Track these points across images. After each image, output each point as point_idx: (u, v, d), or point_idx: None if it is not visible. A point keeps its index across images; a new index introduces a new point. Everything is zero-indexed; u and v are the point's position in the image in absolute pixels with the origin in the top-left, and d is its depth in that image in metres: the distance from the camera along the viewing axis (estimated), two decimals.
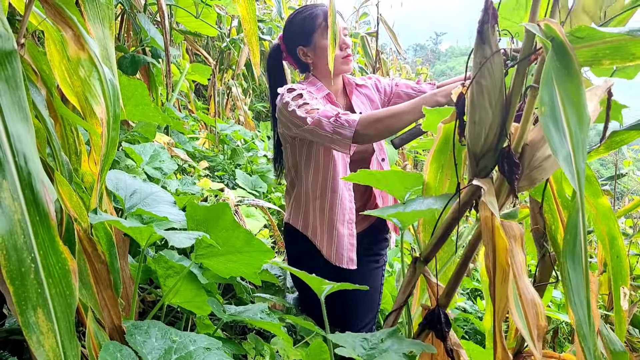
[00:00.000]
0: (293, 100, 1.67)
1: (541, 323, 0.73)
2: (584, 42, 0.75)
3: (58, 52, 1.00)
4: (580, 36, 0.74)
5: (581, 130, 0.68)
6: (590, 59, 0.77)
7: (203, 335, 1.11)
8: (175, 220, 1.37)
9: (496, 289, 0.77)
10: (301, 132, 1.65)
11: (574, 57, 0.71)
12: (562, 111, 0.68)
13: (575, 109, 0.69)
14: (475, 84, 0.81)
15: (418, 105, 1.53)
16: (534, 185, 0.84)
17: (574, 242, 0.66)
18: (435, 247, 0.94)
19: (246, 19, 1.23)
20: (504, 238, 0.75)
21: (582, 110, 0.69)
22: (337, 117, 1.57)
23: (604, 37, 0.73)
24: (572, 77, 0.70)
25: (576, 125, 0.68)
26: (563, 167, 0.65)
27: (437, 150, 1.09)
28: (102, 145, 0.96)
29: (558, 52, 0.71)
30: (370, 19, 7.04)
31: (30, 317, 0.71)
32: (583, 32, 0.73)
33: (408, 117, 1.53)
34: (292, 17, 1.87)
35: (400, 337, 0.93)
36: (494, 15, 0.80)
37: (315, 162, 1.78)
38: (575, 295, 0.66)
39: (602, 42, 0.74)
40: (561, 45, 0.71)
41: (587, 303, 0.67)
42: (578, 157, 0.66)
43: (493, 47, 0.80)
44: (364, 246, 1.91)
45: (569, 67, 0.71)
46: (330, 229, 1.79)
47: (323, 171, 1.78)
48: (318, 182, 1.79)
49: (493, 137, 0.82)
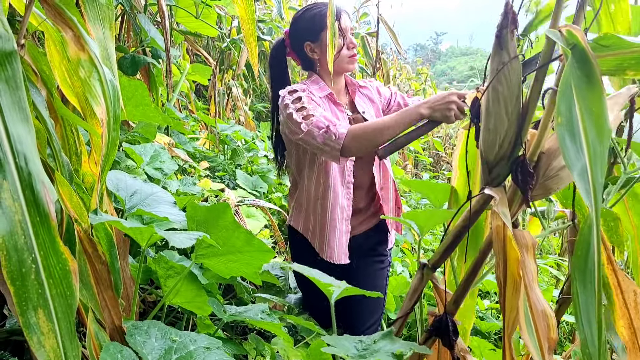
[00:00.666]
0: (292, 104, 1.70)
1: (552, 336, 0.71)
2: (609, 51, 0.72)
3: (58, 53, 1.00)
4: (605, 44, 0.71)
5: (601, 142, 0.65)
6: (613, 68, 0.74)
7: (203, 335, 1.11)
8: (176, 221, 1.37)
9: (506, 300, 0.76)
10: (295, 139, 1.69)
11: (596, 65, 0.68)
12: (580, 122, 0.65)
13: (594, 120, 0.66)
14: (492, 90, 0.79)
15: (401, 119, 1.57)
16: (549, 195, 0.81)
17: (585, 260, 0.64)
18: (444, 254, 0.92)
19: (245, 20, 1.23)
20: (516, 249, 0.73)
21: (602, 121, 0.66)
22: (327, 128, 1.61)
23: (631, 47, 0.70)
24: (593, 86, 0.67)
25: (595, 137, 0.65)
26: (577, 182, 0.62)
27: (461, 156, 1.08)
28: (103, 146, 0.97)
29: (579, 60, 0.68)
30: (371, 19, 7.04)
31: (31, 318, 0.71)
32: (609, 41, 0.70)
33: (391, 132, 1.58)
34: (302, 13, 1.89)
35: (394, 339, 0.92)
36: (513, 20, 0.77)
37: (318, 164, 1.80)
38: (583, 314, 0.64)
39: (629, 51, 0.71)
40: (583, 53, 0.68)
41: (597, 323, 0.64)
42: (596, 171, 0.63)
43: (511, 53, 0.77)
44: (369, 246, 1.91)
45: (589, 75, 0.68)
46: (332, 228, 1.80)
47: (325, 173, 1.79)
48: (320, 184, 1.80)
49: (507, 145, 0.80)
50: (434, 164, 9.87)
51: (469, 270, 0.87)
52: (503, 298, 0.77)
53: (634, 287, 0.89)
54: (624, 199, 1.04)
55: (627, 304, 0.89)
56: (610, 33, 0.71)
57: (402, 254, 3.47)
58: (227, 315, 1.41)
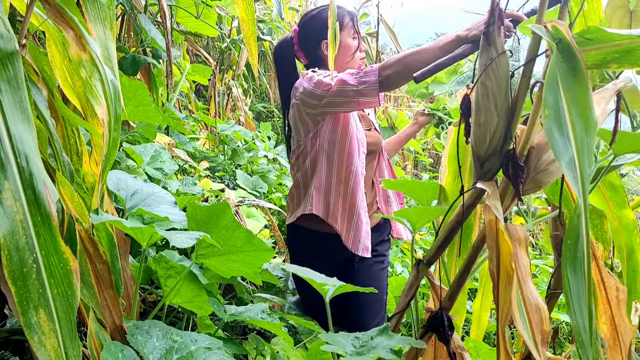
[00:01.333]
0: (315, 74, 1.74)
1: (545, 328, 0.72)
2: (593, 45, 0.73)
3: (59, 53, 1.00)
4: (589, 37, 0.72)
5: (587, 133, 0.67)
6: (598, 62, 0.75)
7: (204, 335, 1.11)
8: (176, 221, 1.37)
9: (500, 293, 0.77)
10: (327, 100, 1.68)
11: (581, 59, 0.69)
12: (567, 114, 0.67)
13: (581, 112, 0.68)
14: (480, 86, 0.80)
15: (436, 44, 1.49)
16: (539, 189, 0.83)
17: (575, 248, 0.65)
18: (439, 249, 0.93)
19: (245, 20, 1.23)
20: (508, 242, 0.74)
21: (588, 113, 0.67)
22: (359, 69, 1.63)
23: (612, 40, 0.71)
24: (579, 79, 0.69)
25: (582, 128, 0.67)
26: (565, 171, 0.64)
27: (451, 153, 1.09)
28: (104, 146, 0.97)
29: (564, 54, 0.70)
30: (371, 20, 7.04)
31: (32, 318, 0.71)
32: (592, 34, 0.72)
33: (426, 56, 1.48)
34: (316, 13, 1.94)
35: (390, 334, 0.93)
36: (500, 17, 0.79)
37: (339, 147, 1.80)
38: (575, 301, 0.65)
39: (611, 44, 0.72)
40: (568, 47, 0.70)
41: (588, 310, 0.65)
42: (583, 161, 0.65)
43: (499, 49, 0.79)
44: (372, 246, 1.92)
45: (575, 69, 0.69)
46: (351, 214, 1.81)
47: (348, 156, 1.80)
48: (343, 166, 1.81)
49: (498, 139, 0.81)
50: (433, 164, 9.87)
51: (462, 266, 0.88)
52: (497, 291, 0.78)
53: (617, 283, 0.91)
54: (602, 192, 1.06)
55: (610, 300, 0.92)
56: (594, 26, 0.72)
57: (402, 254, 3.47)
58: (227, 315, 1.41)
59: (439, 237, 0.93)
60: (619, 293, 0.92)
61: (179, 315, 1.85)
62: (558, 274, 1.02)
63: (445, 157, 1.14)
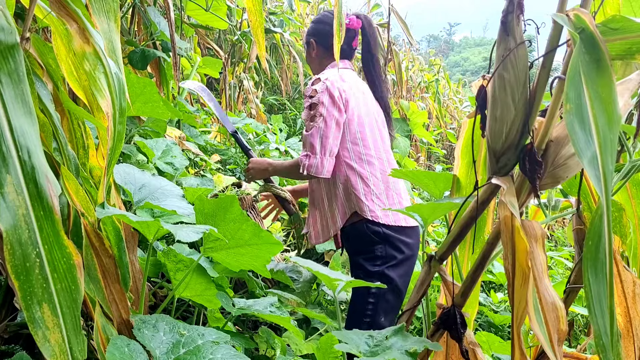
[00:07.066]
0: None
1: (562, 327, 0.70)
2: (618, 35, 0.69)
3: (65, 46, 0.99)
4: (614, 27, 0.69)
5: (610, 129, 0.63)
6: (622, 53, 0.71)
7: (212, 329, 1.11)
8: (184, 214, 1.36)
9: (515, 291, 0.74)
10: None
11: (605, 50, 0.66)
12: (590, 109, 0.63)
13: (604, 107, 0.64)
14: (497, 78, 0.77)
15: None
16: (557, 184, 0.80)
17: (597, 249, 0.63)
18: (452, 245, 0.90)
19: (252, 11, 1.21)
20: (524, 239, 0.72)
21: (612, 108, 0.64)
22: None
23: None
24: (602, 71, 0.66)
25: (605, 124, 0.63)
26: (587, 170, 0.61)
27: (465, 145, 1.07)
28: (109, 139, 0.96)
29: (587, 45, 0.66)
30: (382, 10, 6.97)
31: (36, 312, 0.71)
32: (617, 23, 0.68)
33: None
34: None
35: (406, 335, 0.91)
36: (519, 5, 0.75)
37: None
38: (596, 304, 0.62)
39: (638, 34, 0.69)
40: (591, 37, 0.66)
41: (609, 313, 0.63)
42: (606, 158, 0.62)
43: (517, 39, 0.75)
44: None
45: (599, 60, 0.66)
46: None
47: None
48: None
49: (515, 133, 0.78)
50: (447, 155, 9.80)
51: (476, 262, 0.86)
52: (512, 289, 0.75)
53: (634, 278, 0.89)
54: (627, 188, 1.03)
55: (626, 294, 0.91)
56: (620, 15, 0.69)
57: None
58: (235, 309, 1.41)
59: (451, 232, 0.90)
60: (635, 287, 0.91)
61: (190, 309, 1.86)
62: (579, 269, 1.00)
63: (458, 149, 1.12)
